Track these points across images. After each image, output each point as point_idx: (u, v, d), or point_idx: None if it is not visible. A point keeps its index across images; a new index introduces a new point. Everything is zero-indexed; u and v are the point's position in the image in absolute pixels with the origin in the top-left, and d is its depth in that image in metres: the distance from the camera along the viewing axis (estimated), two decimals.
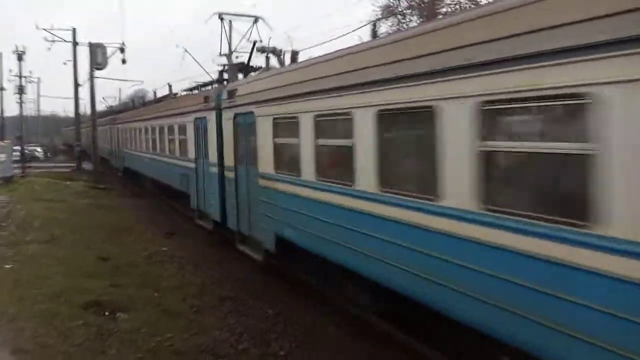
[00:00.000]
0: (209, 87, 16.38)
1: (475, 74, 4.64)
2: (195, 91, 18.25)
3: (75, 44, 35.30)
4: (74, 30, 35.42)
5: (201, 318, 8.37)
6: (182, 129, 15.53)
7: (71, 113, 54.45)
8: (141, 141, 23.00)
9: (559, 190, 4.34)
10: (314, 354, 7.19)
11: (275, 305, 9.02)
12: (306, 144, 8.05)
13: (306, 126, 8.01)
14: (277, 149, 9.26)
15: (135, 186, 26.95)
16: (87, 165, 37.20)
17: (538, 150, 4.29)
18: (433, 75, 5.19)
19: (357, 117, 6.64)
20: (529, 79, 4.14)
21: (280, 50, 15.53)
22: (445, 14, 24.31)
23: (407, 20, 29.11)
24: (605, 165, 3.67)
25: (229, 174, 11.86)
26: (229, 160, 11.83)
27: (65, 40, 35.97)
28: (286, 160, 9.03)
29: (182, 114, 15.49)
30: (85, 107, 60.36)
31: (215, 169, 12.66)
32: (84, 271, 10.54)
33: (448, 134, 5.03)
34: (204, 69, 26.14)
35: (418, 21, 27.21)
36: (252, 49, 15.75)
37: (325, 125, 7.65)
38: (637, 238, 3.51)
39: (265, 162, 9.61)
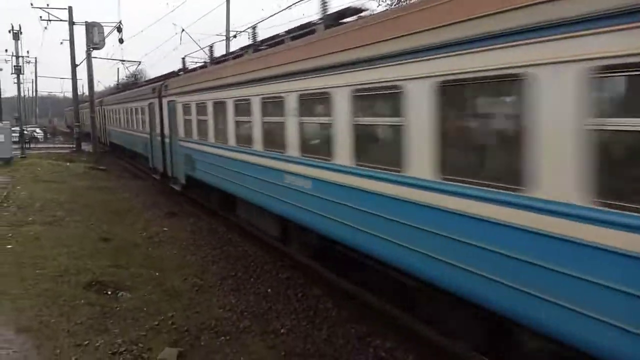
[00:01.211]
0: None
1: None
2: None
3: (71, 23, 34.96)
4: (70, 8, 35.08)
5: (203, 297, 8.47)
6: None
7: (69, 93, 54.16)
8: (289, 131, 8.46)
9: None
10: (313, 332, 7.29)
11: (275, 285, 9.12)
12: None
13: None
14: None
15: (138, 169, 26.79)
16: (86, 147, 37.19)
17: None
18: None
19: None
20: None
21: None
22: None
23: None
24: None
25: None
26: None
27: (61, 20, 35.68)
28: None
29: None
30: (83, 87, 60.09)
31: None
32: (85, 252, 10.63)
33: None
34: (200, 48, 25.87)
35: None
36: None
37: None
38: None
39: None
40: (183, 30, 30.44)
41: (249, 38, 12.88)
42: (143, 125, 21.32)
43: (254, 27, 11.44)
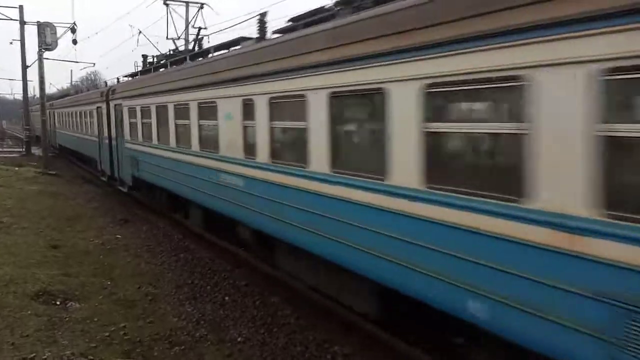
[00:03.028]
0: None
1: None
2: None
3: (22, 22, 33.71)
4: (20, 7, 33.82)
5: (157, 306, 8.25)
6: None
7: (20, 95, 52.14)
8: None
9: None
10: (271, 339, 7.20)
11: (233, 292, 8.98)
12: None
13: None
14: None
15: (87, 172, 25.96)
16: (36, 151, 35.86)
17: None
18: None
19: None
20: None
21: None
22: None
23: None
24: None
25: None
26: None
27: (11, 19, 34.32)
28: None
29: None
30: (34, 89, 58.04)
31: None
32: (33, 260, 10.22)
33: None
34: (158, 50, 25.15)
35: None
36: None
37: None
38: None
39: None
40: (140, 32, 29.80)
41: (209, 41, 11.78)
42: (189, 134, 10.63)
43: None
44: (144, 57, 18.46)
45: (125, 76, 19.05)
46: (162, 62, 15.42)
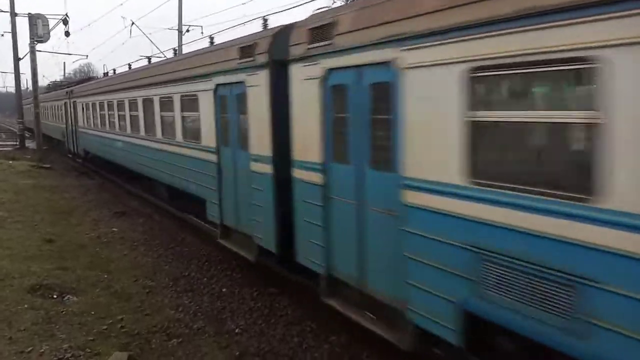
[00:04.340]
0: None
1: None
2: None
3: (13, 14, 33.34)
4: None
5: (154, 299, 8.26)
6: None
7: (12, 87, 51.70)
8: None
9: None
10: (268, 330, 7.23)
11: (230, 284, 8.99)
12: None
13: None
14: None
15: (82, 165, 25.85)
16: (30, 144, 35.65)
17: None
18: None
19: None
20: None
21: None
22: None
23: None
24: None
25: None
26: None
27: (2, 10, 33.96)
28: None
29: None
30: (27, 82, 57.62)
31: None
32: (29, 254, 10.19)
33: None
34: (152, 42, 25.07)
35: None
36: None
37: None
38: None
39: None
40: (133, 23, 29.59)
41: (202, 32, 10.13)
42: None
43: None
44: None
45: None
46: None
